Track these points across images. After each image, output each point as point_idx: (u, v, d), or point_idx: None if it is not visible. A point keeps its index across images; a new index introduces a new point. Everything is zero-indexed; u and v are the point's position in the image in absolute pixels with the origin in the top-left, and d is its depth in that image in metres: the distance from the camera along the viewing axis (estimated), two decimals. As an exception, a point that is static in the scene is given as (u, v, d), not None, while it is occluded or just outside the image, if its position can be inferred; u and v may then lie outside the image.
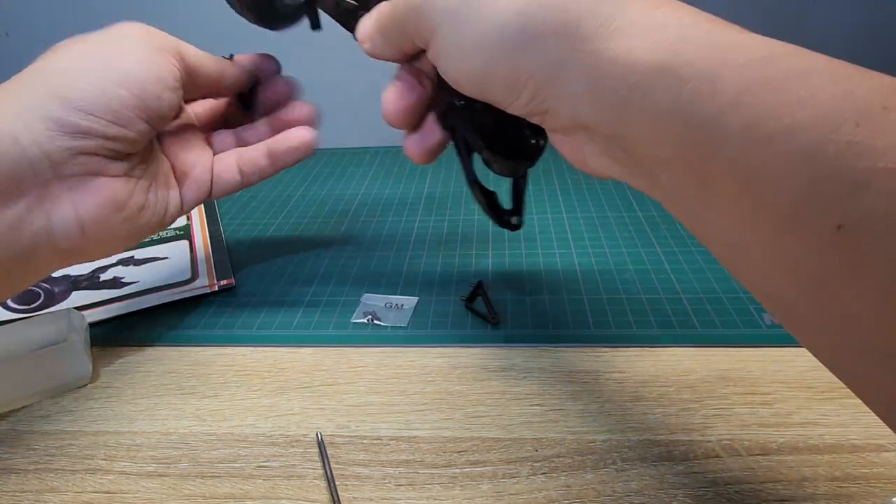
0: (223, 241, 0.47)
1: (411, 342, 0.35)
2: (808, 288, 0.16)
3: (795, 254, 0.16)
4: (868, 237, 0.14)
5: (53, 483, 0.27)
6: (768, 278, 0.18)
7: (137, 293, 0.40)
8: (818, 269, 0.16)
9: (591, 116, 0.20)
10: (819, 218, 0.15)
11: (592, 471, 0.26)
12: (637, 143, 0.20)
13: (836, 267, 0.15)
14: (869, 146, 0.14)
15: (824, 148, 0.15)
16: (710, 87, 0.17)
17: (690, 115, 0.17)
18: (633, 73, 0.18)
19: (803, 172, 0.15)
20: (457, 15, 0.23)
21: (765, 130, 0.16)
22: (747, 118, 0.16)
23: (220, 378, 0.33)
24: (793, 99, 0.15)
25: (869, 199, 0.14)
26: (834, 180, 0.14)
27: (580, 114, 0.21)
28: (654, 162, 0.20)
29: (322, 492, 0.26)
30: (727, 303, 0.36)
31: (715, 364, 0.32)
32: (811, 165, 0.15)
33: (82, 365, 0.32)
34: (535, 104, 0.22)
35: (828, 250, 0.15)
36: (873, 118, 0.14)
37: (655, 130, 0.18)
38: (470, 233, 0.47)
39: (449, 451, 0.27)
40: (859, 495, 0.24)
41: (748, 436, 0.27)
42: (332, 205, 0.55)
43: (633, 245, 0.44)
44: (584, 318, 0.36)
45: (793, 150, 0.15)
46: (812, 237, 0.15)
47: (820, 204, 0.15)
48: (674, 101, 0.17)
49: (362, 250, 0.46)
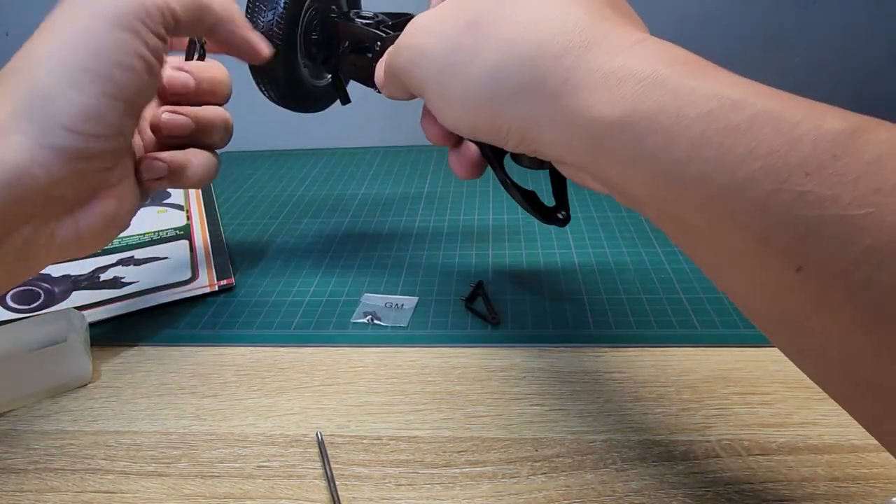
0: (223, 241, 0.47)
1: (411, 342, 0.35)
2: (783, 320, 0.17)
3: (766, 290, 0.17)
4: (826, 279, 0.15)
5: (53, 483, 0.27)
6: (748, 309, 0.19)
7: (137, 293, 0.40)
8: (787, 304, 0.16)
9: (572, 160, 0.22)
10: (779, 261, 0.16)
11: (592, 471, 0.26)
12: (613, 184, 0.21)
13: (802, 304, 0.16)
14: (819, 195, 0.15)
15: (776, 198, 0.15)
16: (666, 141, 0.17)
17: (652, 166, 0.18)
18: (596, 127, 0.19)
19: (758, 221, 0.16)
20: (441, 75, 0.25)
21: (719, 181, 0.16)
22: (702, 170, 0.17)
23: (220, 378, 0.33)
24: (744, 151, 0.16)
25: (823, 244, 0.15)
26: (788, 228, 0.15)
27: (562, 156, 0.22)
28: (632, 200, 0.21)
29: (322, 492, 0.26)
30: (727, 303, 0.36)
31: (715, 364, 0.32)
32: (765, 215, 0.16)
33: (82, 365, 0.32)
34: (524, 147, 0.24)
35: (791, 290, 0.16)
36: (822, 167, 0.15)
37: (625, 176, 0.20)
38: (470, 233, 0.47)
39: (449, 451, 0.27)
40: (859, 495, 0.24)
41: (748, 436, 0.27)
42: (332, 205, 0.55)
43: (634, 245, 0.44)
44: (584, 318, 0.36)
45: (747, 200, 0.16)
46: (776, 278, 0.16)
47: (778, 249, 0.16)
48: (635, 153, 0.18)
49: (362, 250, 0.46)
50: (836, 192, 0.14)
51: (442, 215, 0.51)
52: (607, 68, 0.19)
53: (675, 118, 0.17)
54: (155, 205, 0.54)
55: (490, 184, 0.57)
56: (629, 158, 0.19)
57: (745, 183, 0.16)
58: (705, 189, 0.17)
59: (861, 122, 0.15)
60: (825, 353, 0.16)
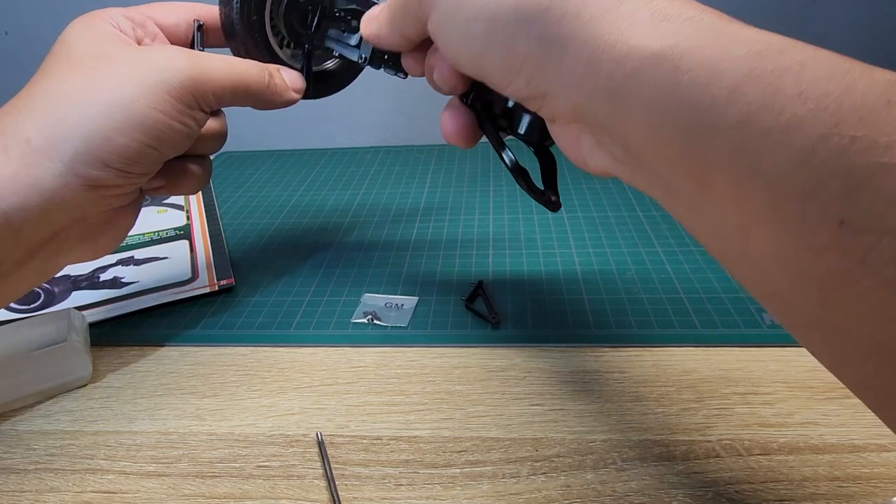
0: (223, 241, 0.47)
1: (411, 342, 0.35)
2: (808, 288, 0.16)
3: (795, 252, 0.16)
4: (870, 235, 0.14)
5: (53, 483, 0.27)
6: (767, 277, 0.17)
7: (137, 293, 0.40)
8: (818, 267, 0.15)
9: (586, 104, 0.20)
10: (819, 215, 0.15)
11: (592, 471, 0.26)
12: (631, 134, 0.19)
13: (837, 265, 0.15)
14: (872, 141, 0.14)
15: (825, 143, 0.14)
16: (708, 78, 0.16)
17: (686, 106, 0.17)
18: (630, 60, 0.18)
19: (803, 168, 0.15)
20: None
21: (763, 124, 0.15)
22: (745, 111, 0.16)
23: (220, 378, 0.33)
24: (793, 92, 0.15)
25: (871, 195, 0.14)
26: (835, 176, 0.14)
27: (576, 102, 0.20)
28: (648, 155, 0.19)
29: (322, 492, 0.26)
30: (728, 303, 0.36)
31: (715, 364, 0.32)
32: (811, 161, 0.14)
33: (82, 365, 0.32)
34: (532, 87, 0.22)
35: (828, 248, 0.15)
36: (877, 113, 0.14)
37: (650, 121, 0.18)
38: (470, 233, 0.47)
39: (449, 451, 0.27)
40: (860, 495, 0.24)
41: (749, 436, 0.27)
42: (333, 204, 0.55)
43: (634, 245, 0.44)
44: (584, 318, 0.36)
45: (792, 145, 0.15)
46: (812, 235, 0.15)
47: (821, 201, 0.15)
48: (670, 90, 0.17)
49: (362, 250, 0.46)
50: (890, 140, 0.14)
51: (442, 215, 0.51)
52: (651, 4, 0.19)
53: (721, 54, 0.16)
54: (155, 205, 0.54)
55: (490, 184, 0.57)
56: (661, 97, 0.17)
57: (792, 126, 0.15)
58: (745, 133, 0.15)
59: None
60: (853, 325, 0.15)
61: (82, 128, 0.25)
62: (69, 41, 0.27)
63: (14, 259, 0.25)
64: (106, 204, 0.27)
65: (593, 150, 0.22)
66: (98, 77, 0.26)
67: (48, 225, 0.25)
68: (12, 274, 0.26)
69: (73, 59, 0.27)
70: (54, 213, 0.25)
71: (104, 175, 0.26)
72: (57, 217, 0.25)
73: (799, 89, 0.15)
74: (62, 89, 0.25)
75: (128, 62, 0.26)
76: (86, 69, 0.26)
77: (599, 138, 0.21)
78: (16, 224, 0.24)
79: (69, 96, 0.25)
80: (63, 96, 0.25)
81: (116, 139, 0.25)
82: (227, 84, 0.28)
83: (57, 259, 0.28)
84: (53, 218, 0.25)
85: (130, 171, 0.27)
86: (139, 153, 0.26)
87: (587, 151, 0.23)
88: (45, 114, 0.25)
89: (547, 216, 0.49)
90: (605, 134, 0.21)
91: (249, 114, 0.75)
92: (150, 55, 0.27)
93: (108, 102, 0.25)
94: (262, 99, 0.31)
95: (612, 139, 0.21)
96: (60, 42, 0.28)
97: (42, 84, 0.26)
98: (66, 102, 0.25)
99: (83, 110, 0.25)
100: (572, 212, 0.50)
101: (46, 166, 0.24)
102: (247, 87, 0.29)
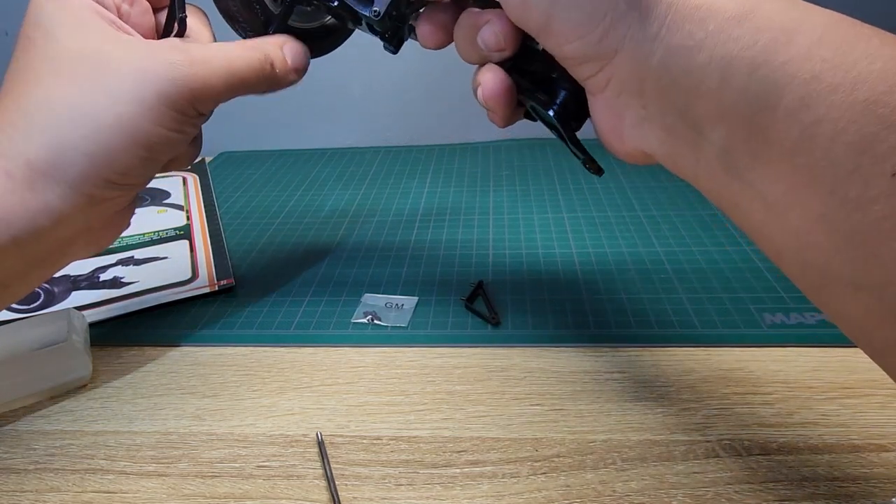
0: (223, 241, 0.47)
1: (411, 342, 0.35)
2: (849, 244, 0.17)
3: (843, 207, 0.17)
4: None
5: (53, 483, 0.27)
6: (806, 238, 0.18)
7: (137, 293, 0.40)
8: (864, 222, 0.16)
9: (659, 63, 0.20)
10: (874, 166, 0.16)
11: (592, 471, 0.26)
12: (697, 94, 0.20)
13: (884, 219, 0.16)
14: None
15: (886, 98, 0.16)
16: (787, 37, 0.18)
17: (761, 64, 0.18)
18: (714, 20, 0.19)
19: (862, 121, 0.16)
20: None
21: (831, 81, 0.17)
22: (816, 69, 0.17)
23: (220, 378, 0.33)
24: (861, 55, 0.17)
25: None
26: (892, 128, 0.16)
27: (647, 62, 0.21)
28: (709, 116, 0.20)
29: (322, 492, 0.26)
30: (728, 303, 0.36)
31: (715, 364, 0.32)
32: (871, 114, 0.16)
33: (82, 365, 0.32)
34: (604, 45, 0.21)
35: (878, 200, 0.16)
36: None
37: (722, 78, 0.19)
38: (470, 232, 0.47)
39: (449, 451, 0.27)
40: (859, 495, 0.24)
41: (748, 436, 0.27)
42: (333, 204, 0.55)
43: (634, 245, 0.44)
44: (584, 318, 0.36)
45: (855, 100, 0.16)
46: (864, 187, 0.16)
47: (877, 152, 0.16)
48: (747, 48, 0.18)
49: (362, 250, 0.46)
50: None
51: (442, 215, 0.51)
52: None
53: (797, 21, 0.18)
54: (155, 205, 0.54)
55: (490, 184, 0.57)
56: (738, 54, 0.18)
57: (856, 83, 0.16)
58: (813, 90, 0.17)
59: None
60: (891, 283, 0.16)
61: (86, 148, 0.24)
62: (48, 29, 0.25)
63: (17, 271, 0.25)
64: (108, 212, 0.28)
65: (638, 126, 0.22)
66: (96, 91, 0.25)
67: (55, 241, 0.26)
68: (15, 284, 0.26)
69: (62, 61, 0.25)
70: (61, 230, 0.25)
71: (109, 192, 0.26)
72: (63, 233, 0.25)
73: (867, 51, 0.17)
74: (59, 104, 0.24)
75: (125, 75, 0.25)
76: (80, 78, 0.25)
77: (652, 110, 0.22)
78: (24, 245, 0.24)
79: (69, 114, 0.24)
80: (62, 113, 0.24)
81: (120, 158, 0.25)
82: (226, 88, 0.27)
83: (58, 264, 0.28)
84: (60, 234, 0.25)
85: (133, 183, 0.27)
86: (142, 167, 0.26)
87: (630, 126, 0.23)
88: (44, 133, 0.24)
89: (547, 216, 0.49)
90: (664, 101, 0.21)
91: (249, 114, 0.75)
92: (146, 64, 0.25)
93: (111, 123, 0.25)
94: (262, 91, 0.30)
95: (670, 106, 0.21)
96: (36, 26, 0.25)
97: (34, 92, 0.24)
98: (67, 122, 0.24)
99: (86, 131, 0.24)
100: (572, 211, 0.50)
101: (53, 189, 0.24)
102: (246, 85, 0.28)
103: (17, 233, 0.24)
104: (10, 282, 0.26)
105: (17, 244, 0.24)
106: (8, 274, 0.25)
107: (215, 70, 0.27)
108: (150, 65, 0.25)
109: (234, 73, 0.27)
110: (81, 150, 0.24)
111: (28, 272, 0.26)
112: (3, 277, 0.25)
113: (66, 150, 0.24)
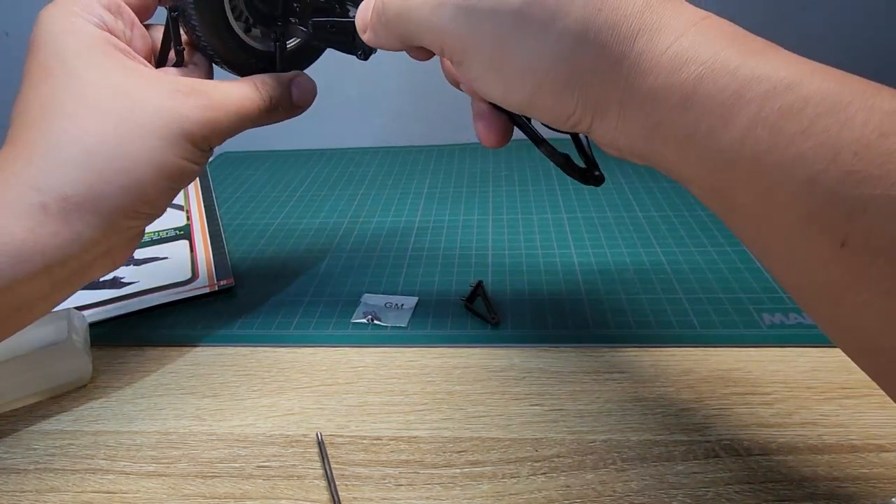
0: (223, 241, 0.47)
1: (411, 342, 0.35)
2: (822, 293, 0.18)
3: (807, 264, 0.18)
4: (868, 255, 0.16)
5: (53, 483, 0.27)
6: (789, 279, 0.19)
7: (137, 293, 0.40)
8: (827, 278, 0.17)
9: (624, 143, 0.22)
10: (824, 237, 0.16)
11: (592, 471, 0.26)
12: (662, 165, 0.21)
13: (842, 278, 0.17)
14: (866, 174, 0.15)
15: (825, 176, 0.16)
16: (724, 121, 0.18)
17: (706, 147, 0.19)
18: (658, 112, 0.20)
19: (807, 198, 0.16)
20: (499, 46, 0.22)
21: (771, 160, 0.17)
22: (756, 150, 0.17)
23: (220, 378, 0.33)
24: (796, 130, 0.17)
25: (868, 221, 0.15)
26: (835, 205, 0.16)
27: (615, 140, 0.22)
28: (679, 179, 0.21)
29: (322, 492, 0.26)
30: (727, 303, 0.36)
31: (715, 364, 0.32)
32: (813, 192, 0.16)
33: (82, 365, 0.32)
34: (578, 128, 0.23)
35: (833, 264, 0.17)
36: (870, 147, 0.15)
37: (678, 156, 0.20)
38: (470, 233, 0.47)
39: (449, 451, 0.27)
40: (859, 495, 0.24)
41: (748, 436, 0.27)
42: (332, 205, 0.55)
43: (633, 245, 0.44)
44: (584, 318, 0.36)
45: (797, 178, 0.17)
46: (819, 252, 0.17)
47: (823, 225, 0.16)
48: (692, 134, 0.19)
49: (362, 250, 0.46)
50: (883, 171, 0.15)
51: (442, 216, 0.51)
52: (673, 50, 0.19)
53: (734, 99, 0.18)
54: (155, 205, 0.54)
55: (490, 184, 0.57)
56: (684, 140, 0.19)
57: (796, 161, 0.16)
58: (757, 167, 0.17)
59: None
60: (862, 326, 0.17)
61: (120, 182, 0.26)
62: (65, 59, 0.26)
63: (43, 294, 0.26)
64: (129, 236, 0.29)
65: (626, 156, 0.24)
66: (128, 127, 0.26)
67: (79, 265, 0.27)
68: (39, 305, 0.27)
69: (87, 97, 0.26)
70: (89, 255, 0.26)
71: (136, 221, 0.28)
72: (88, 258, 0.27)
73: (801, 127, 0.17)
74: (92, 140, 0.25)
75: (152, 112, 0.26)
76: (109, 114, 0.26)
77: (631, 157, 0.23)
78: (53, 271, 0.25)
79: (103, 149, 0.25)
80: (96, 149, 0.25)
81: (150, 190, 0.27)
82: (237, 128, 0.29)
83: (78, 284, 0.28)
84: (85, 259, 0.26)
85: (156, 212, 0.29)
86: (167, 197, 0.28)
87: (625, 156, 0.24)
88: (79, 167, 0.25)
89: (546, 217, 0.49)
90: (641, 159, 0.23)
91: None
92: (170, 103, 0.27)
93: (144, 157, 0.26)
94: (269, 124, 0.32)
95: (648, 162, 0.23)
96: (52, 56, 0.26)
97: (64, 127, 0.25)
98: (102, 157, 0.25)
99: (120, 164, 0.26)
100: (572, 212, 0.50)
101: (87, 220, 0.25)
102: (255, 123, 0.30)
103: (50, 261, 0.25)
104: (35, 304, 0.26)
105: (48, 271, 0.25)
106: (35, 297, 0.26)
107: (229, 113, 0.29)
108: (174, 104, 0.27)
109: (245, 116, 0.29)
110: (116, 184, 0.26)
111: (52, 294, 0.27)
112: (30, 300, 0.26)
113: (102, 184, 0.25)
